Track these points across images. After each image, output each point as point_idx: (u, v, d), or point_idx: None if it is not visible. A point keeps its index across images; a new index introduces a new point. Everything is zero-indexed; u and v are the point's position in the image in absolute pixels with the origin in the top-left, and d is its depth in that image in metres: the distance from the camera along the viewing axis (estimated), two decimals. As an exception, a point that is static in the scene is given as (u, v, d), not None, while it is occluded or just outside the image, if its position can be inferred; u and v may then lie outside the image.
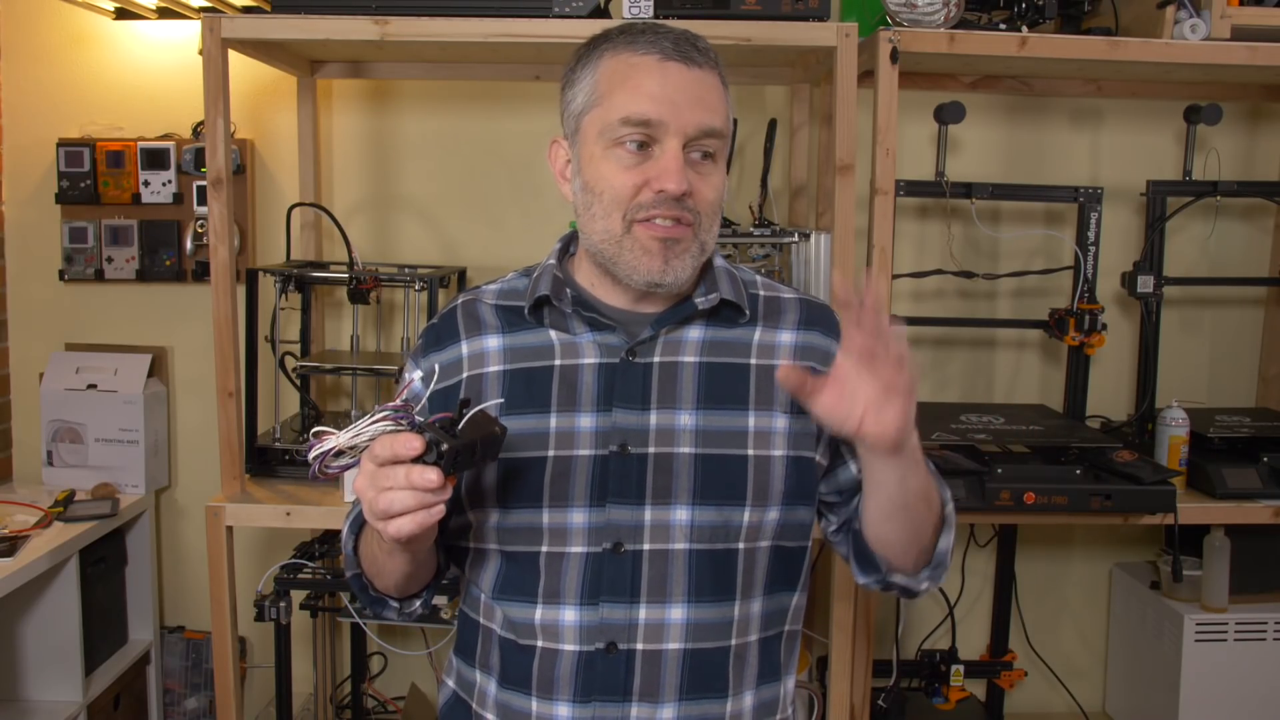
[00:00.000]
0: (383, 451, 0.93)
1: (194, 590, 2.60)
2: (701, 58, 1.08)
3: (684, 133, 1.06)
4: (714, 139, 1.08)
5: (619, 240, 1.08)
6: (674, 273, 1.08)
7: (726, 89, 1.13)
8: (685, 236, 1.08)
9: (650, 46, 1.08)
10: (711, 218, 1.10)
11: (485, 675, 1.16)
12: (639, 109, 1.06)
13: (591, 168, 1.09)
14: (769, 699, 1.17)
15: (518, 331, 1.16)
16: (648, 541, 1.09)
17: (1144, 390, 2.38)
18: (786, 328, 1.17)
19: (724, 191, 1.13)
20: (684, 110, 1.06)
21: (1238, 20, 2.07)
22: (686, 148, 1.07)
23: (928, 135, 2.39)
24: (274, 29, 1.96)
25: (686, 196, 1.06)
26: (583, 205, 1.11)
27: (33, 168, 2.51)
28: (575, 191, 1.13)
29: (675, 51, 1.07)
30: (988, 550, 2.57)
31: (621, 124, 1.06)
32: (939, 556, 1.16)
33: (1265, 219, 2.56)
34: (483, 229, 2.51)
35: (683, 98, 1.06)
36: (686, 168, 1.06)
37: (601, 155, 1.08)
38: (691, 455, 1.10)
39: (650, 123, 1.06)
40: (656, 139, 1.06)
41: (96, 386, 2.46)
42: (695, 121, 1.06)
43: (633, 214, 1.07)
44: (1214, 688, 2.25)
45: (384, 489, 0.93)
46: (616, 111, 1.07)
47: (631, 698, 1.09)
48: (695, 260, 1.10)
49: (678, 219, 1.07)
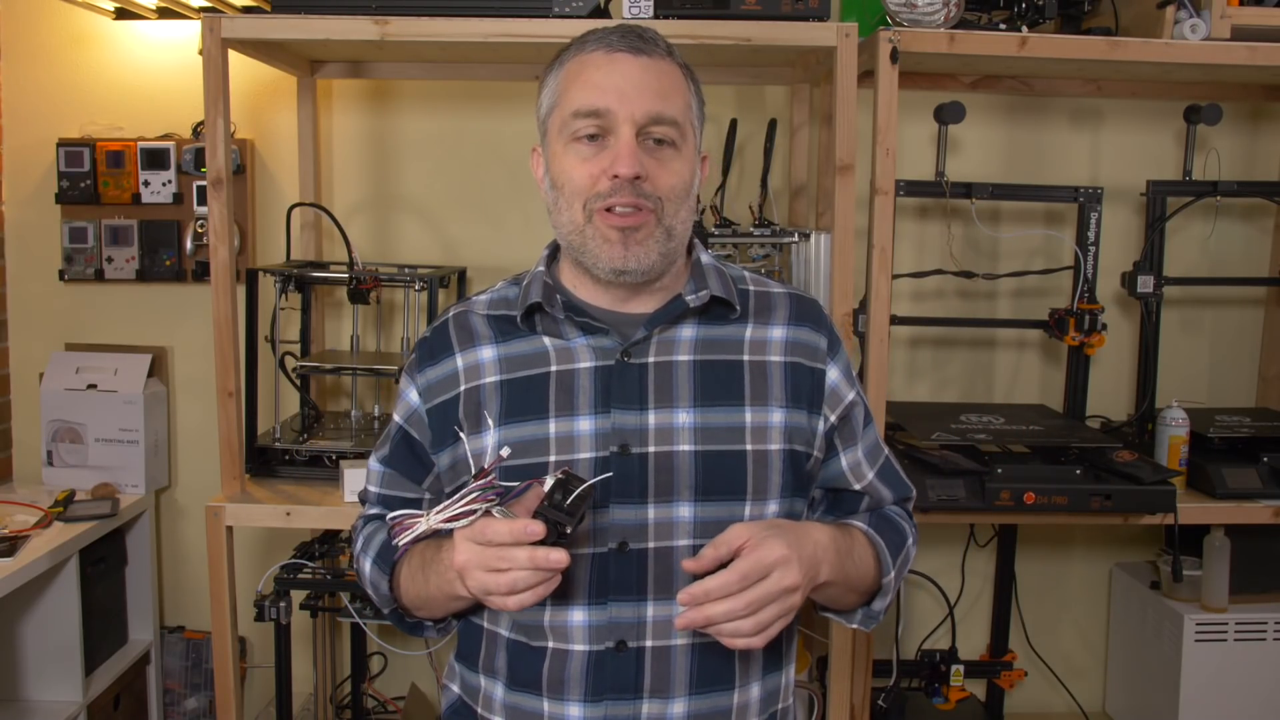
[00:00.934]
0: (499, 536, 0.97)
1: (194, 590, 2.60)
2: (650, 47, 1.11)
3: (633, 119, 1.08)
4: (667, 126, 1.10)
5: (582, 230, 1.11)
6: (636, 259, 1.10)
7: (689, 76, 1.15)
8: (645, 223, 1.10)
9: (598, 43, 1.12)
10: (676, 203, 1.12)
11: (490, 679, 1.16)
12: (588, 100, 1.09)
13: (555, 164, 1.13)
14: (773, 689, 1.19)
15: (511, 340, 1.17)
16: (652, 539, 1.10)
17: (1144, 390, 2.38)
18: (777, 323, 1.19)
19: (692, 178, 1.14)
20: (632, 98, 1.08)
21: (1238, 20, 2.07)
22: (640, 135, 1.09)
23: (928, 135, 2.39)
24: (274, 29, 1.96)
25: (642, 181, 1.08)
26: (551, 202, 1.15)
27: (33, 168, 2.51)
28: (545, 191, 1.16)
29: (622, 43, 1.11)
30: (988, 550, 2.57)
31: (574, 117, 1.10)
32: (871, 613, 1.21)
33: (1265, 219, 2.56)
34: (483, 229, 2.51)
35: (629, 85, 1.09)
36: (642, 154, 1.09)
37: (563, 151, 1.12)
38: (691, 453, 1.11)
39: (599, 112, 1.09)
40: (609, 129, 1.09)
41: (96, 386, 2.46)
42: (644, 108, 1.08)
43: (592, 204, 1.09)
44: (1214, 688, 2.25)
45: (502, 570, 0.97)
46: (570, 106, 1.10)
47: (642, 695, 1.10)
48: (661, 246, 1.11)
49: (636, 206, 1.09)
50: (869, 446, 1.24)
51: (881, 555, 1.17)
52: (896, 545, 1.20)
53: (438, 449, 1.18)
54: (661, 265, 1.13)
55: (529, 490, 1.02)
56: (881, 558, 1.17)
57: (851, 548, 1.13)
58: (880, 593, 1.18)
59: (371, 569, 1.20)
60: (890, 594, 1.19)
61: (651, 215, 1.10)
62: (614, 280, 1.13)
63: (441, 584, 1.09)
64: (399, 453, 1.23)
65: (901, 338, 2.54)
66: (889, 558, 1.18)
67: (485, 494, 1.02)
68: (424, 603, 1.16)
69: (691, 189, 1.14)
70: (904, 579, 1.25)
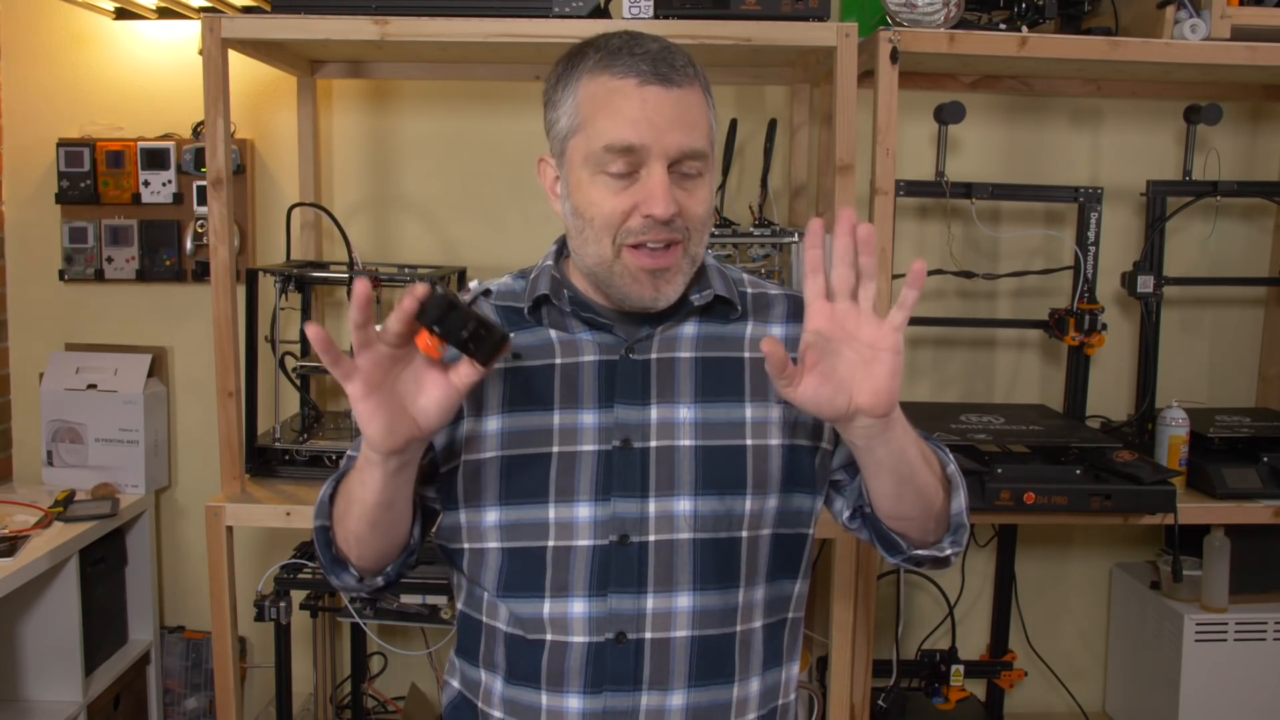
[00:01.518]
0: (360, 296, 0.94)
1: (194, 590, 2.60)
2: (680, 76, 1.08)
3: (666, 155, 1.06)
4: (697, 160, 1.09)
5: (610, 265, 1.10)
6: (665, 297, 1.11)
7: (710, 99, 1.13)
8: (673, 262, 1.10)
9: (628, 70, 1.07)
10: (701, 230, 1.12)
11: (490, 673, 1.17)
12: (621, 136, 1.06)
13: (580, 194, 1.10)
14: (773, 684, 1.19)
15: (517, 331, 1.17)
16: (653, 532, 1.11)
17: (1144, 390, 2.38)
18: (776, 322, 1.20)
19: (712, 199, 1.14)
20: (665, 133, 1.06)
21: (1238, 20, 2.07)
22: (671, 168, 1.07)
23: (928, 135, 2.39)
24: (274, 29, 1.96)
25: (675, 218, 1.07)
26: (574, 229, 1.12)
27: (33, 168, 2.51)
28: (565, 214, 1.14)
29: (653, 74, 1.07)
30: (988, 550, 2.57)
31: (605, 151, 1.07)
32: (955, 519, 1.15)
33: (1265, 219, 2.56)
34: (483, 229, 2.51)
35: (663, 120, 1.06)
36: (673, 186, 1.07)
37: (589, 181, 1.09)
38: (692, 447, 1.12)
39: (634, 148, 1.06)
40: (641, 163, 1.07)
41: (96, 386, 2.46)
42: (677, 144, 1.06)
43: (622, 239, 1.08)
44: (1214, 688, 2.25)
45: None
46: (599, 139, 1.07)
47: (642, 687, 1.10)
48: (686, 276, 1.12)
49: (668, 241, 1.08)
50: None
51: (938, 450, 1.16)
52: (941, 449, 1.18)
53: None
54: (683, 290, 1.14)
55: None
56: (937, 449, 1.16)
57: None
58: (952, 488, 1.14)
59: (325, 487, 1.16)
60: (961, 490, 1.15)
61: (679, 248, 1.10)
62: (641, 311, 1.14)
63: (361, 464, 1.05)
64: None
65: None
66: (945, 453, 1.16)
67: None
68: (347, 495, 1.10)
69: (712, 210, 1.15)
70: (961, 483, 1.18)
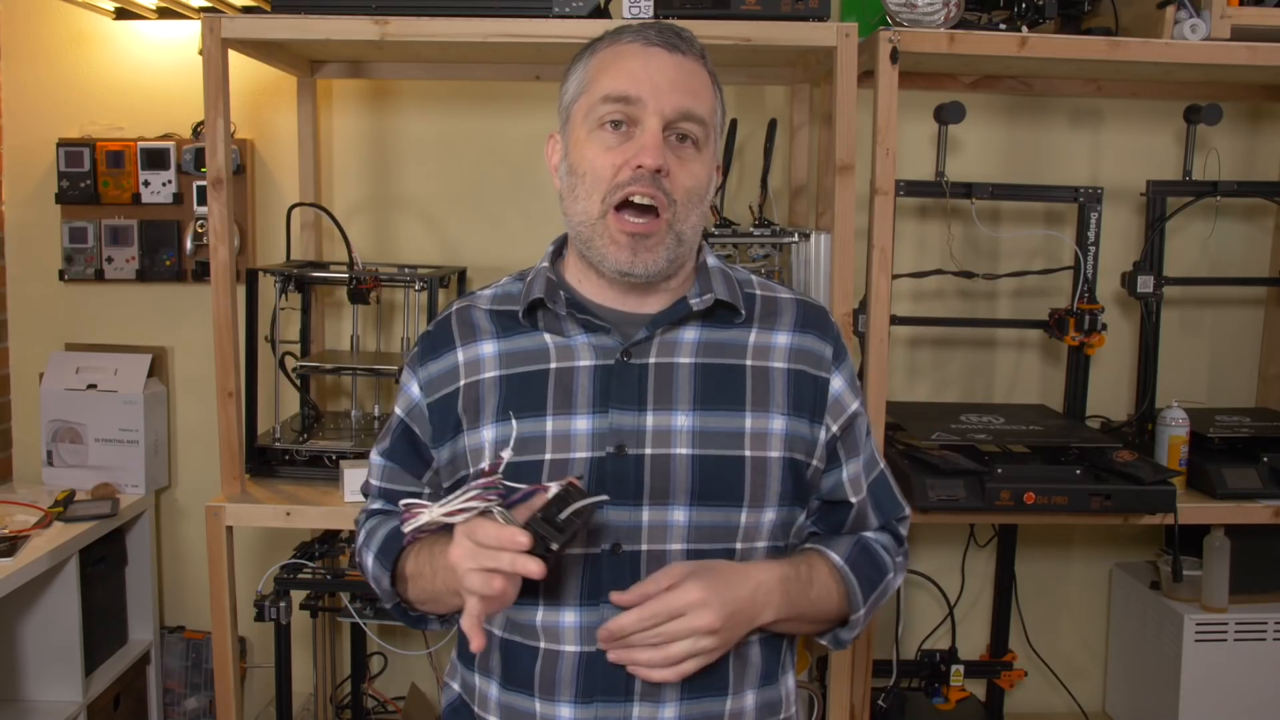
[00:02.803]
0: (487, 540, 0.97)
1: (194, 590, 2.60)
2: (685, 46, 1.12)
3: (662, 113, 1.09)
4: (694, 123, 1.10)
5: (594, 224, 1.11)
6: (644, 264, 1.11)
7: (715, 82, 1.16)
8: (655, 230, 1.10)
9: (636, 35, 1.12)
10: (688, 206, 1.11)
11: (485, 678, 1.16)
12: (619, 86, 1.09)
13: (577, 150, 1.13)
14: (771, 699, 1.17)
15: (512, 336, 1.17)
16: (645, 542, 1.09)
17: (1144, 390, 2.38)
18: (782, 330, 1.18)
19: (708, 182, 1.14)
20: (664, 91, 1.09)
21: (1238, 20, 2.07)
22: (666, 130, 1.09)
23: (928, 135, 2.39)
24: (274, 29, 1.96)
25: (663, 176, 1.08)
26: (567, 188, 1.14)
27: (33, 168, 2.51)
28: (561, 176, 1.16)
29: (659, 38, 1.12)
30: (988, 550, 2.57)
31: (603, 101, 1.10)
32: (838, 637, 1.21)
33: (1265, 219, 2.56)
34: (483, 229, 2.51)
35: (663, 80, 1.09)
36: (665, 149, 1.09)
37: (586, 138, 1.12)
38: (689, 456, 1.10)
39: (629, 98, 1.09)
40: (637, 119, 1.09)
41: (96, 386, 2.46)
42: (674, 103, 1.09)
43: (610, 197, 1.09)
44: (1214, 688, 2.25)
45: (487, 569, 0.97)
46: (600, 91, 1.11)
47: (633, 698, 1.09)
48: (670, 251, 1.11)
49: (652, 199, 1.08)
50: (867, 459, 1.23)
51: (851, 592, 1.16)
52: (873, 581, 1.19)
53: (438, 443, 1.18)
54: (669, 269, 1.13)
55: (534, 495, 1.02)
56: (851, 594, 1.16)
57: (811, 582, 1.13)
58: (847, 626, 1.18)
59: (374, 564, 1.20)
60: (860, 628, 1.19)
61: (663, 222, 1.09)
62: (619, 279, 1.13)
63: (448, 579, 1.08)
64: (399, 446, 1.23)
65: (901, 338, 2.54)
66: (859, 594, 1.17)
67: (486, 492, 1.02)
68: (431, 597, 1.15)
69: (706, 193, 1.14)
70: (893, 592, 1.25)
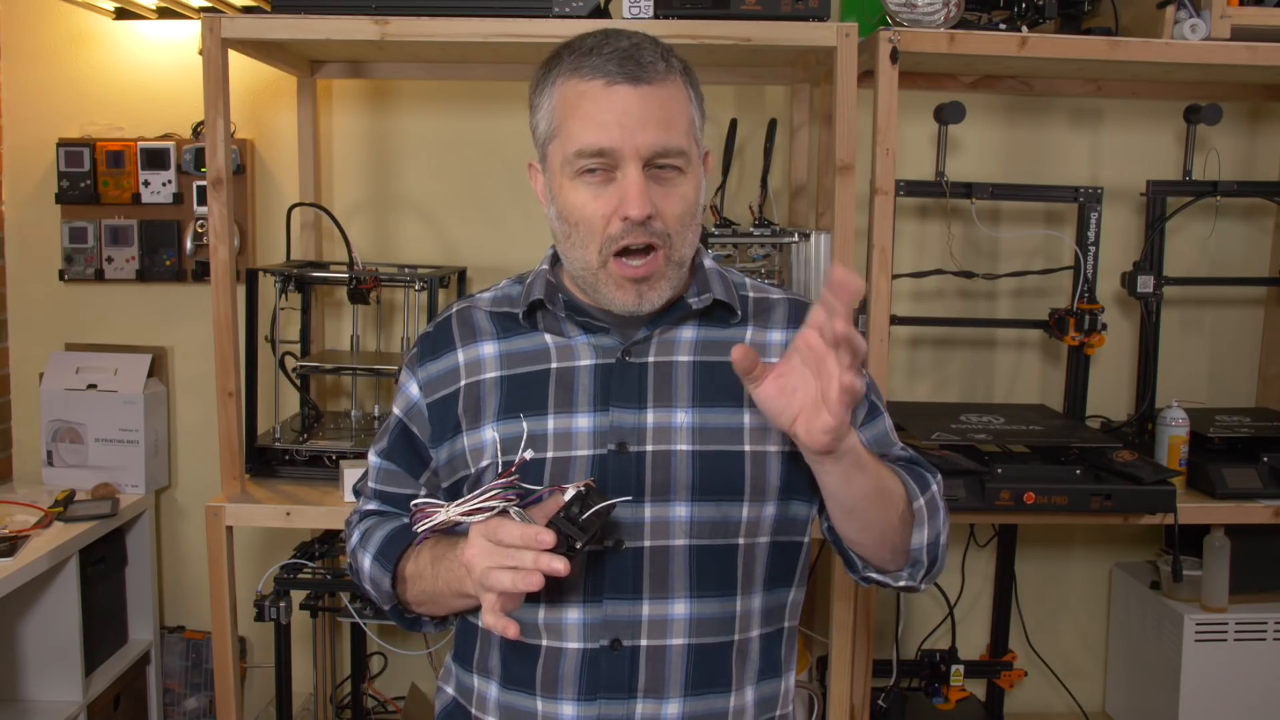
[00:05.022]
0: (511, 539, 0.96)
1: (194, 590, 2.60)
2: (648, 73, 1.06)
3: (639, 155, 1.05)
4: (672, 157, 1.07)
5: (595, 272, 1.10)
6: (650, 302, 1.11)
7: (691, 91, 1.11)
8: (656, 269, 1.09)
9: (595, 71, 1.06)
10: (683, 231, 1.10)
11: (484, 679, 1.16)
12: (590, 139, 1.05)
13: (562, 198, 1.10)
14: (770, 695, 1.18)
15: (512, 337, 1.17)
16: (648, 538, 1.10)
17: (1144, 390, 2.38)
18: (776, 327, 1.19)
19: (698, 196, 1.12)
20: (636, 133, 1.05)
21: (1238, 20, 2.07)
22: (647, 167, 1.06)
23: (928, 135, 2.39)
24: (274, 29, 1.96)
25: (652, 220, 1.06)
26: (561, 234, 1.12)
27: (33, 168, 2.51)
28: (552, 219, 1.14)
29: (620, 73, 1.05)
30: (988, 550, 2.57)
31: (577, 156, 1.07)
32: (914, 554, 1.14)
33: (1265, 219, 2.56)
34: (483, 229, 2.51)
35: (632, 120, 1.05)
36: (651, 185, 1.06)
37: (570, 186, 1.09)
38: (689, 452, 1.11)
39: (604, 151, 1.05)
40: (615, 165, 1.06)
41: (96, 386, 2.46)
42: (649, 143, 1.05)
43: (607, 248, 1.08)
44: (1214, 688, 2.25)
45: (507, 567, 0.96)
46: (572, 143, 1.07)
47: (636, 694, 1.09)
48: (672, 281, 1.12)
49: (648, 245, 1.07)
50: (876, 436, 1.21)
51: (904, 480, 1.12)
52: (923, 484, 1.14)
53: (436, 444, 1.18)
54: (672, 294, 1.13)
55: (550, 497, 1.02)
56: (905, 482, 1.12)
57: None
58: (916, 522, 1.12)
59: (372, 565, 1.19)
60: (925, 527, 1.12)
61: (661, 257, 1.09)
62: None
63: (450, 580, 1.08)
64: (397, 447, 1.23)
65: (901, 338, 2.54)
66: (913, 485, 1.13)
67: (505, 492, 1.03)
68: (430, 598, 1.15)
69: (698, 207, 1.13)
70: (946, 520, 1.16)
